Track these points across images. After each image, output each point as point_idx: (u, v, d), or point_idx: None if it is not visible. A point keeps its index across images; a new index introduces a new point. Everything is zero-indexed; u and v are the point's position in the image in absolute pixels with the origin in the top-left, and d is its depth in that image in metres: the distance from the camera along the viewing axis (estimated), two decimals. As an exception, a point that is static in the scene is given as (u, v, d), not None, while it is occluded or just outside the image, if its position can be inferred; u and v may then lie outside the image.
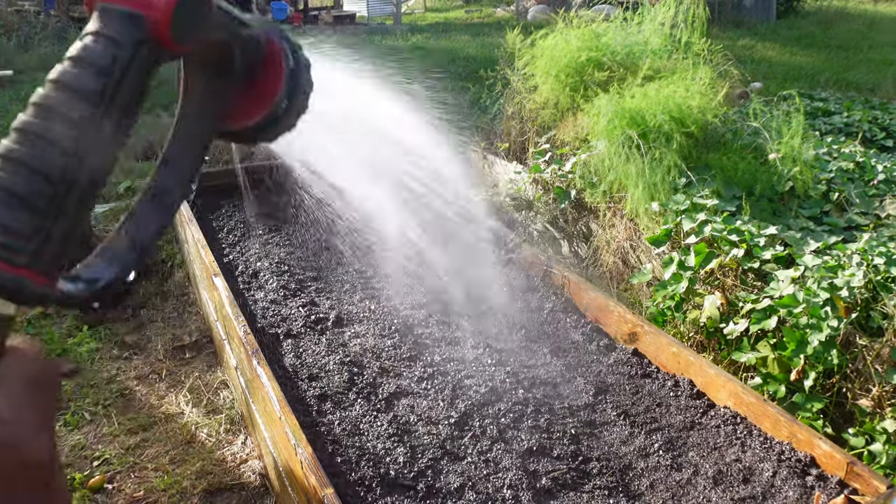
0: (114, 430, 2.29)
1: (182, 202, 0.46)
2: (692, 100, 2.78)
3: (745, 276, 2.29)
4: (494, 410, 1.90)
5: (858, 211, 2.54)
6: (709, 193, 2.56)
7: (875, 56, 8.13)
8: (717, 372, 1.90)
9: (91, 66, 0.35)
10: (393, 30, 11.50)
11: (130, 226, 0.44)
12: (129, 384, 2.54)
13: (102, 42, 0.35)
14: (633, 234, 2.80)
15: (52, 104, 0.34)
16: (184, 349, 2.73)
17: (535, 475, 1.67)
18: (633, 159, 2.69)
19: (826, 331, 1.89)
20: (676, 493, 1.61)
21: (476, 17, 13.84)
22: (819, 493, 1.55)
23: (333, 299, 2.49)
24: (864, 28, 10.36)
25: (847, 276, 2.00)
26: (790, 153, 2.65)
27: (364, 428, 1.82)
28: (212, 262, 2.48)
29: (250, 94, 0.45)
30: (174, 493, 2.00)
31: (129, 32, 0.36)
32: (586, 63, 3.28)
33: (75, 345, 2.76)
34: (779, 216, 2.55)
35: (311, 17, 12.46)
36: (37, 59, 7.57)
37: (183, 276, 3.24)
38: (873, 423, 1.84)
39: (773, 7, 11.37)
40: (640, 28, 3.44)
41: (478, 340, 2.23)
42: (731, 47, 5.57)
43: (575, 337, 2.30)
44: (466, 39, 9.95)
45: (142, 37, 0.36)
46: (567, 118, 3.36)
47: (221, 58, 0.43)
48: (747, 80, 5.10)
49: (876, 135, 3.62)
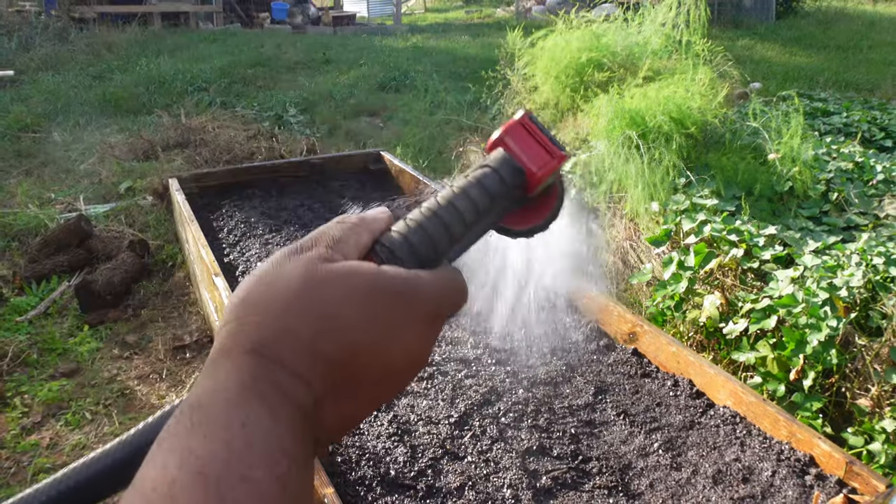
0: (115, 429, 2.29)
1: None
2: (692, 100, 2.79)
3: (744, 276, 2.29)
4: (494, 410, 1.90)
5: (857, 211, 2.55)
6: (708, 193, 2.56)
7: (874, 56, 8.13)
8: (716, 372, 1.90)
9: (484, 189, 0.53)
10: (393, 30, 11.50)
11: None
12: (129, 384, 2.54)
13: (495, 177, 0.53)
14: (633, 234, 2.80)
15: (461, 199, 0.52)
16: (184, 349, 2.74)
17: (535, 475, 1.68)
18: (632, 159, 2.70)
19: (825, 330, 1.90)
20: (676, 492, 1.61)
21: (476, 18, 13.85)
22: (818, 493, 1.55)
23: (334, 299, 2.49)
24: (863, 28, 10.36)
25: (846, 275, 2.00)
26: (789, 153, 2.66)
27: (364, 427, 1.82)
28: (212, 261, 2.48)
29: (531, 210, 0.60)
30: (175, 493, 2.01)
31: (514, 179, 0.54)
32: (586, 64, 3.28)
33: (76, 344, 2.76)
34: (778, 216, 2.56)
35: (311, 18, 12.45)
36: (38, 60, 7.57)
37: (183, 275, 3.24)
38: (872, 422, 1.84)
39: (772, 7, 11.37)
40: (641, 29, 3.44)
41: (478, 340, 2.24)
42: (731, 48, 5.59)
43: (575, 337, 2.31)
44: (466, 40, 9.95)
45: (519, 184, 0.54)
46: (567, 118, 3.37)
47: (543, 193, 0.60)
48: (747, 80, 5.11)
49: (875, 135, 3.62)
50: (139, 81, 6.70)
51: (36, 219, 3.67)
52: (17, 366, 2.63)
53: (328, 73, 7.57)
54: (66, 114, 5.77)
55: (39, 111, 5.81)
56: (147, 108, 6.01)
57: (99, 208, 3.92)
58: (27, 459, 2.16)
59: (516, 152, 0.55)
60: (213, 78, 6.89)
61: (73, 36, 8.78)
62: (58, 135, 5.30)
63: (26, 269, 3.26)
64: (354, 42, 9.57)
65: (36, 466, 2.12)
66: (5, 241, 3.54)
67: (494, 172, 0.54)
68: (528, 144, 0.56)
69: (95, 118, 5.70)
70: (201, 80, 6.75)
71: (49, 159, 4.79)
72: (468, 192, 0.53)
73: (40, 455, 2.17)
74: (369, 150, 4.10)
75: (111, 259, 3.30)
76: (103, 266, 3.23)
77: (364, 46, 9.11)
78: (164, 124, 5.22)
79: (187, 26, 10.65)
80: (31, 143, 5.18)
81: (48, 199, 4.06)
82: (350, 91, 6.69)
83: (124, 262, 3.22)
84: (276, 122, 5.57)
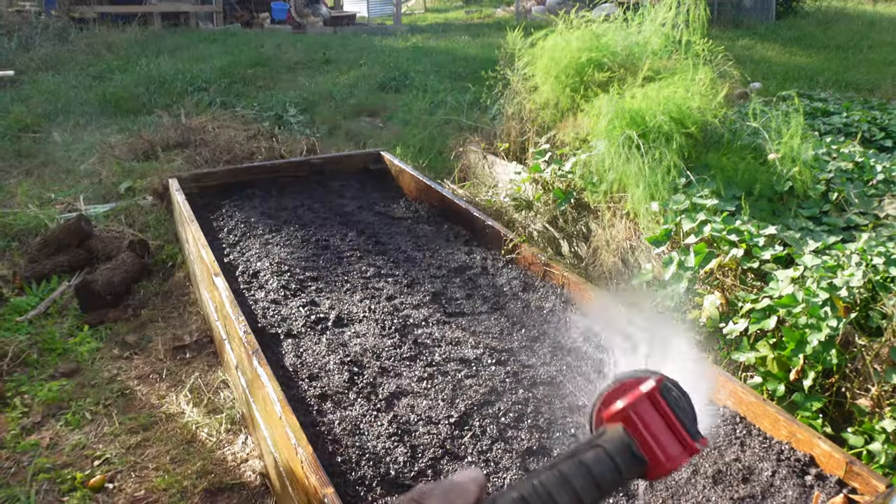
0: (115, 429, 2.29)
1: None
2: (692, 100, 2.79)
3: (744, 276, 2.29)
4: (494, 410, 1.90)
5: (857, 211, 2.54)
6: (708, 193, 2.56)
7: (874, 56, 8.13)
8: (716, 372, 1.90)
9: (591, 479, 0.44)
10: (393, 30, 11.50)
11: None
12: (129, 384, 2.54)
13: (609, 465, 0.44)
14: (633, 234, 2.80)
15: (562, 490, 0.45)
16: (184, 349, 2.74)
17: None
18: (632, 159, 2.70)
19: (825, 330, 1.90)
20: (676, 492, 1.61)
21: (476, 18, 13.84)
22: (818, 493, 1.55)
23: (333, 299, 2.49)
24: (863, 28, 10.36)
25: (846, 275, 2.00)
26: (789, 153, 2.66)
27: (364, 427, 1.82)
28: (212, 261, 2.48)
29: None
30: (175, 493, 2.01)
31: (632, 470, 0.45)
32: (586, 64, 3.28)
33: (76, 344, 2.76)
34: (778, 216, 2.56)
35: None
36: (38, 60, 7.57)
37: (183, 275, 3.24)
38: (872, 422, 1.84)
39: (772, 7, 11.37)
40: (641, 28, 3.44)
41: (478, 340, 2.24)
42: (731, 47, 5.59)
43: (575, 337, 2.31)
44: (466, 40, 9.95)
45: (638, 474, 0.45)
46: (567, 118, 3.37)
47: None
48: (747, 80, 5.11)
49: (875, 135, 3.62)
50: (139, 81, 6.70)
51: (36, 219, 3.67)
52: (17, 366, 2.63)
53: (328, 73, 7.57)
54: (67, 114, 5.76)
55: (39, 111, 5.81)
56: (147, 108, 6.01)
57: (99, 208, 3.92)
58: (27, 459, 2.16)
59: (641, 435, 0.45)
60: (213, 78, 6.89)
61: (73, 36, 8.78)
62: (58, 135, 5.30)
63: (26, 269, 3.26)
64: (354, 42, 9.57)
65: (36, 466, 2.12)
66: (5, 241, 3.54)
67: (609, 459, 0.45)
68: (657, 427, 0.45)
69: (95, 118, 5.70)
70: (201, 80, 6.75)
71: (49, 159, 4.79)
72: (571, 482, 0.44)
73: (40, 455, 2.17)
74: (369, 150, 4.10)
75: (111, 259, 3.30)
76: (103, 266, 3.23)
77: (364, 46, 9.11)
78: (164, 124, 5.22)
79: (187, 26, 10.65)
80: (31, 143, 5.18)
81: (48, 199, 4.06)
82: (350, 91, 6.69)
83: (124, 262, 3.22)
84: (276, 122, 5.57)
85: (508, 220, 3.35)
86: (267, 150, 4.35)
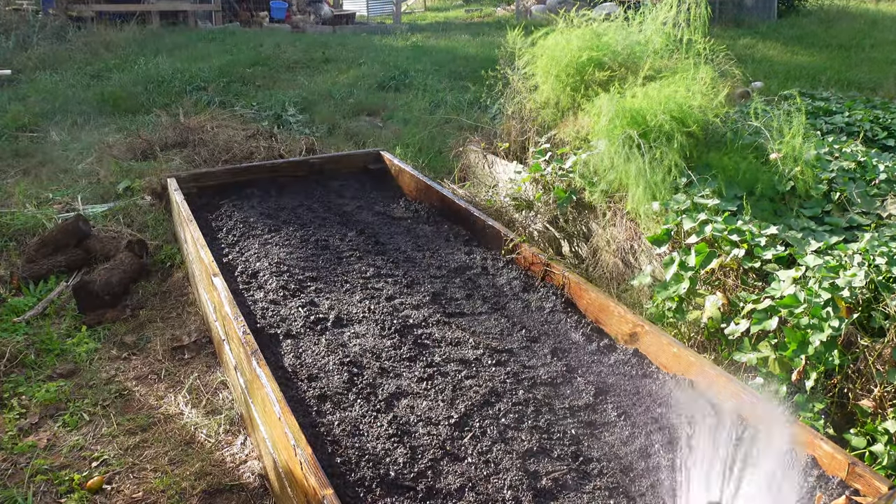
0: (113, 430, 2.28)
1: None
2: (693, 99, 2.77)
3: (746, 277, 2.28)
4: (494, 411, 1.89)
5: (860, 211, 2.53)
6: (710, 193, 2.55)
7: (876, 55, 8.11)
8: (718, 372, 1.89)
9: None
10: (392, 29, 11.48)
11: None
12: (128, 385, 2.53)
13: None
14: (634, 233, 2.79)
15: None
16: (183, 349, 2.72)
17: (536, 476, 1.66)
18: (633, 159, 2.69)
19: (827, 331, 1.89)
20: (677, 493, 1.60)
21: (476, 17, 13.83)
22: (820, 495, 1.54)
23: (333, 299, 2.48)
24: (865, 27, 10.34)
25: (848, 276, 1.99)
26: (791, 153, 2.64)
27: (364, 428, 1.81)
28: (211, 262, 2.47)
29: None
30: (173, 494, 2.00)
31: None
32: (587, 63, 3.27)
33: (74, 345, 2.75)
34: (780, 216, 2.55)
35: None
36: (35, 59, 7.55)
37: (182, 276, 3.23)
38: (875, 423, 1.83)
39: (774, 6, 11.35)
40: (642, 28, 3.43)
41: (478, 341, 2.23)
42: (733, 46, 5.57)
43: (575, 337, 2.30)
44: (466, 39, 9.93)
45: None
46: (567, 118, 3.35)
47: None
48: (748, 79, 5.09)
49: (877, 134, 3.61)
50: (137, 80, 6.69)
51: (34, 219, 3.66)
52: (15, 366, 2.62)
53: (327, 72, 7.56)
54: (64, 113, 5.75)
55: (37, 110, 5.79)
56: (145, 108, 5.99)
57: (97, 208, 3.91)
58: (24, 461, 2.14)
59: None
60: (212, 77, 6.87)
61: (71, 35, 8.75)
62: (55, 134, 5.29)
63: (24, 270, 3.24)
64: (354, 41, 9.55)
65: (33, 468, 2.10)
66: (3, 241, 3.53)
67: None
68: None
69: (93, 117, 5.69)
70: (200, 80, 6.74)
71: (47, 159, 4.78)
72: None
73: (38, 456, 2.16)
74: (369, 150, 4.08)
75: (109, 259, 3.29)
76: (101, 266, 3.22)
77: (363, 45, 9.09)
78: (163, 124, 5.20)
79: (186, 25, 10.63)
80: (28, 142, 5.17)
81: (46, 199, 4.05)
82: (349, 90, 6.67)
83: (122, 262, 3.21)
84: (275, 122, 5.55)
85: (508, 220, 3.34)
86: (266, 150, 4.33)
